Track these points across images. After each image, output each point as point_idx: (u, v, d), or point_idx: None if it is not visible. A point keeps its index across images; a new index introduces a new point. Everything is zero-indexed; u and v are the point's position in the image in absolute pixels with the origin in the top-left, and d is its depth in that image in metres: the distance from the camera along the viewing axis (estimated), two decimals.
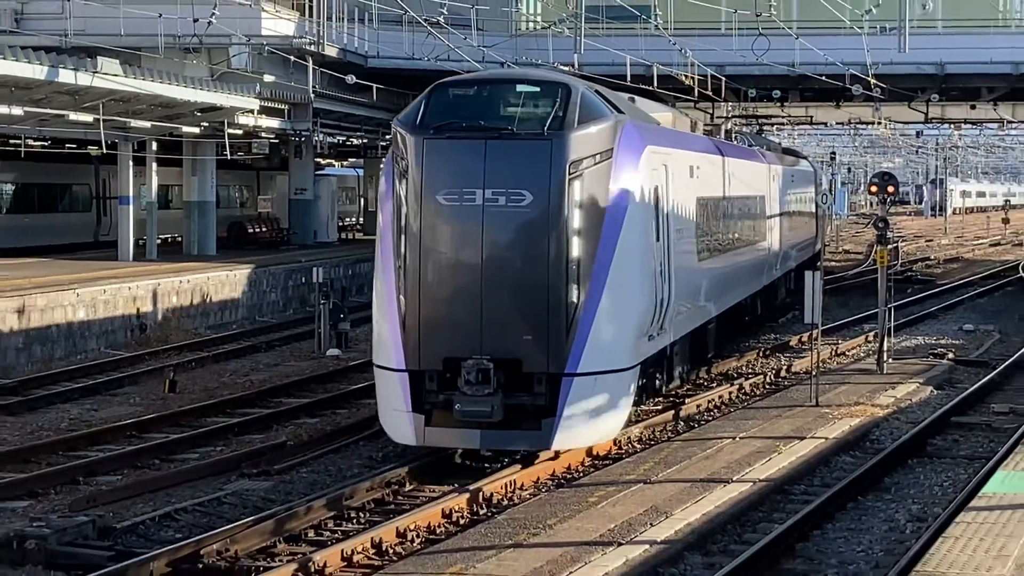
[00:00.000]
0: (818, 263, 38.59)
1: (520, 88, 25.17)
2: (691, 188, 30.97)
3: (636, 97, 33.28)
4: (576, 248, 23.36)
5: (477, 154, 23.44)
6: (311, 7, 58.52)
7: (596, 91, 26.21)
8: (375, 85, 57.60)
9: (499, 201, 22.98)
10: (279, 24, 56.86)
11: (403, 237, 23.49)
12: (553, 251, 23.14)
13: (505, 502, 22.31)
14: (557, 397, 23.06)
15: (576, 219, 23.39)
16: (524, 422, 23.27)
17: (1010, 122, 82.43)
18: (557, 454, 25.44)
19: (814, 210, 60.80)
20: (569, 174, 23.23)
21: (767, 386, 35.09)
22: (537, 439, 23.29)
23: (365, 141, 77.51)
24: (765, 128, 76.64)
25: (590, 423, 23.63)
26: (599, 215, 23.77)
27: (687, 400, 31.66)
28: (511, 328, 23.16)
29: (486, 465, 24.85)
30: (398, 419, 23.56)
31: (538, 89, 25.01)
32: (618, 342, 24.22)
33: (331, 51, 57.01)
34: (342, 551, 18.85)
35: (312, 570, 18.17)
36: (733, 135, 48.82)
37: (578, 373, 23.06)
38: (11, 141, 51.27)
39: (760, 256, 45.52)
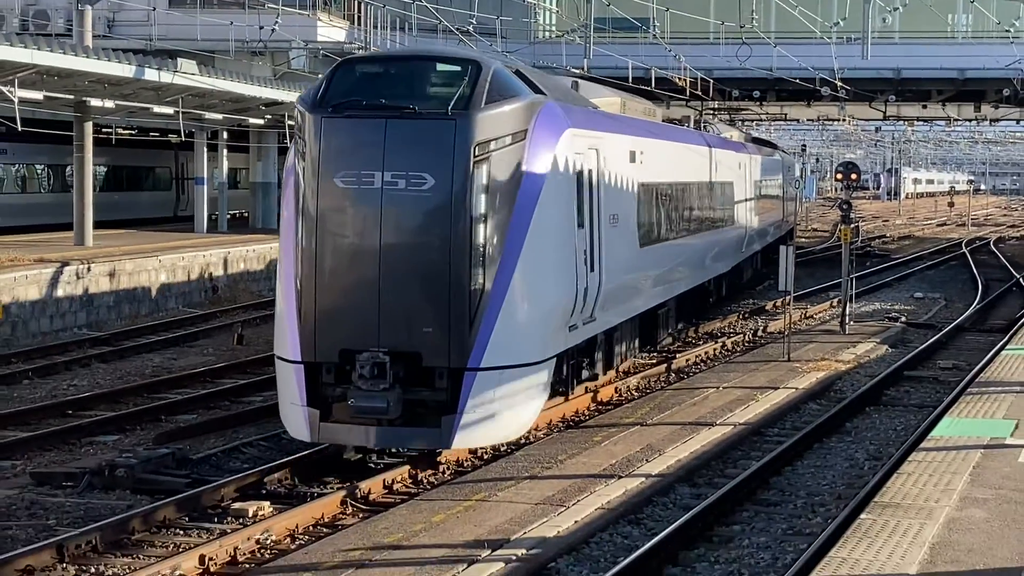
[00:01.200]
0: (790, 240, 38.33)
1: (427, 66, 20.86)
2: (633, 173, 26.18)
3: (581, 82, 28.56)
4: (482, 235, 19.00)
5: (376, 134, 19.03)
6: (359, 17, 58.62)
7: (517, 71, 21.63)
8: None
9: (399, 184, 18.71)
10: (332, 31, 57.36)
11: (301, 222, 19.24)
12: (456, 238, 18.81)
13: (522, 441, 22.33)
14: (459, 393, 18.88)
15: (482, 204, 19.04)
16: (424, 419, 19.02)
17: (955, 120, 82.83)
18: (568, 398, 25.43)
19: (786, 194, 59.79)
20: (475, 156, 18.90)
21: (746, 344, 35.06)
22: (435, 438, 18.97)
23: None
24: (746, 123, 76.39)
25: (496, 420, 19.28)
26: (509, 200, 19.40)
27: (677, 355, 31.66)
28: (410, 320, 18.87)
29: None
30: (294, 413, 19.22)
31: (446, 67, 20.51)
32: (528, 335, 19.84)
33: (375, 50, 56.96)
34: (383, 480, 18.92)
35: (358, 496, 18.24)
36: (704, 126, 44.25)
37: (482, 368, 18.80)
38: (104, 129, 51.50)
39: (730, 237, 40.97)
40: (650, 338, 30.69)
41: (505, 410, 19.32)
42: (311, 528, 17.02)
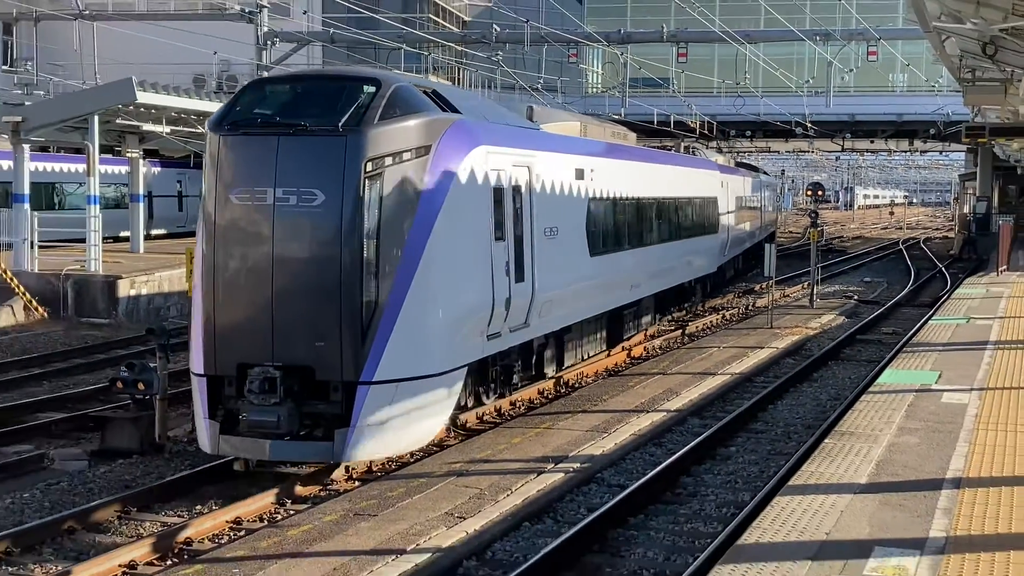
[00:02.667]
0: (772, 240, 37.85)
1: (328, 84, 16.66)
2: (582, 188, 21.61)
3: (537, 108, 22.93)
4: (375, 249, 14.90)
5: (269, 151, 15.08)
6: (457, 79, 58.58)
7: (432, 92, 17.12)
8: None
9: (290, 201, 14.84)
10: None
11: (204, 237, 15.43)
12: (347, 253, 14.73)
13: (577, 385, 22.33)
14: (353, 407, 14.89)
15: (374, 218, 14.93)
16: (319, 432, 15.17)
17: (894, 151, 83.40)
18: (609, 354, 25.41)
19: (766, 206, 56.78)
20: (366, 171, 14.87)
21: (740, 315, 34.80)
22: (328, 451, 14.82)
23: None
24: (740, 153, 76.20)
25: (393, 432, 15.13)
26: (406, 214, 15.21)
27: (689, 323, 31.51)
28: (303, 334, 14.90)
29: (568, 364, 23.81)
30: (199, 426, 15.42)
31: (346, 85, 16.22)
32: (429, 347, 15.57)
33: None
34: (476, 413, 18.96)
35: (458, 424, 18.28)
36: (692, 151, 39.49)
37: (375, 381, 14.77)
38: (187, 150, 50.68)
39: (709, 244, 35.25)
40: (617, 333, 25.79)
41: (404, 422, 15.17)
42: (423, 448, 17.11)
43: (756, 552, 9.18)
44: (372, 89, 15.50)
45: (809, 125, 56.94)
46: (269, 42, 35.39)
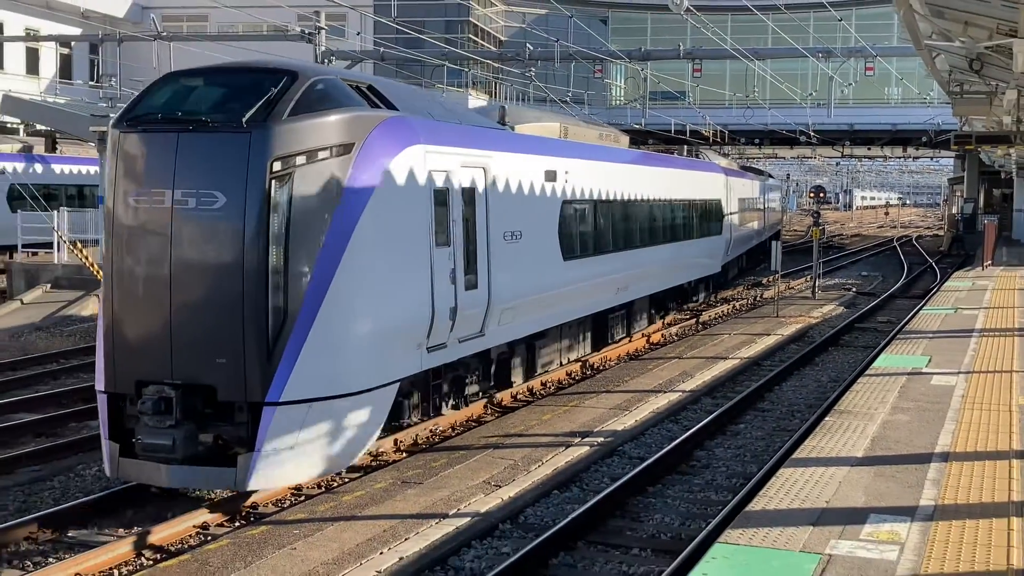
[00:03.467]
0: (778, 239, 37.21)
1: (239, 77, 13.44)
2: (553, 191, 18.71)
3: (510, 108, 20.59)
4: (283, 256, 12.08)
5: (168, 149, 12.34)
6: (494, 93, 58.58)
7: (363, 86, 14.10)
8: None
9: (189, 203, 12.10)
10: (476, 102, 57.16)
11: (104, 243, 12.78)
12: (250, 260, 11.92)
13: (601, 368, 22.32)
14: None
15: (282, 222, 12.11)
16: (222, 457, 12.29)
17: (889, 157, 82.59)
18: (631, 340, 25.38)
19: (772, 207, 55.12)
20: (273, 171, 12.05)
21: (749, 305, 34.68)
22: (231, 478, 11.98)
23: None
24: (750, 159, 75.94)
25: (306, 457, 12.32)
26: (322, 217, 12.37)
27: (703, 313, 31.42)
28: (203, 350, 12.07)
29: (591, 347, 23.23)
30: (103, 446, 12.59)
31: (258, 77, 13.11)
32: (348, 362, 12.64)
33: None
34: (510, 392, 18.98)
35: (495, 402, 18.31)
36: (696, 154, 37.30)
37: (282, 402, 11.96)
38: None
39: (709, 246, 31.92)
40: (603, 336, 23.11)
41: (318, 445, 12.46)
42: (464, 423, 17.15)
43: (763, 518, 9.16)
44: (287, 81, 12.80)
45: (812, 134, 56.67)
46: (326, 60, 35.36)
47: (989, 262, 40.05)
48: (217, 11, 52.62)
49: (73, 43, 56.23)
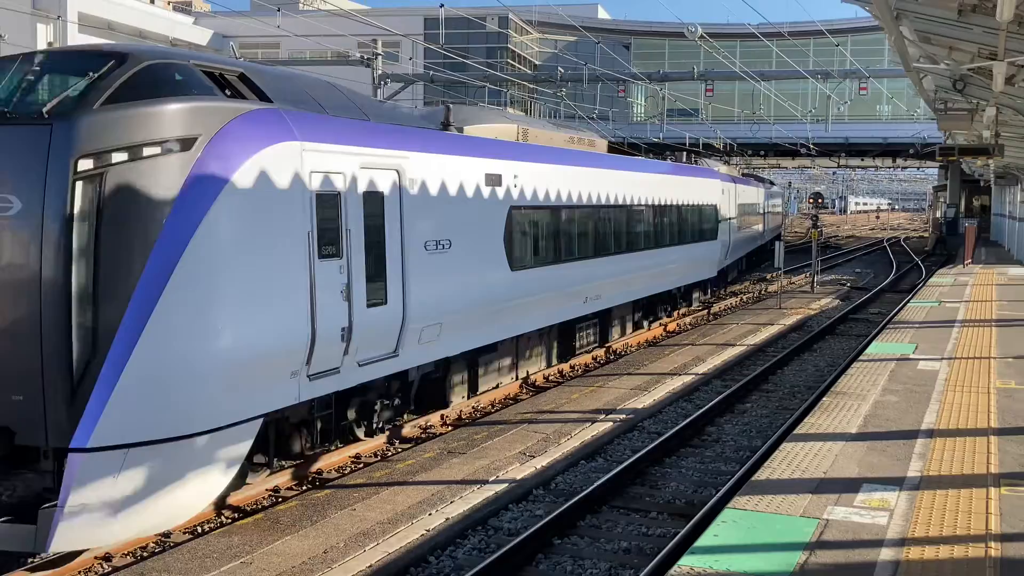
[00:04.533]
0: (780, 239, 36.63)
1: (60, 60, 10.40)
2: (496, 196, 15.29)
3: (457, 108, 16.57)
4: (91, 272, 8.94)
5: None
6: (529, 110, 58.45)
7: (233, 75, 10.90)
8: None
9: None
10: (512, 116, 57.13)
11: None
12: (50, 278, 8.82)
13: (623, 353, 22.25)
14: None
15: (91, 232, 8.97)
16: (21, 512, 8.89)
17: (880, 167, 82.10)
18: (649, 327, 24.84)
19: (772, 212, 52.25)
20: (79, 171, 8.90)
21: (754, 298, 34.46)
22: (30, 537, 8.65)
23: None
24: (756, 168, 75.53)
25: (125, 513, 9.06)
26: (146, 226, 9.20)
27: (714, 304, 31.24)
28: None
29: (611, 333, 23.03)
30: None
31: (81, 61, 9.93)
32: (180, 398, 9.39)
33: None
34: (541, 374, 18.96)
35: (528, 382, 18.27)
36: (695, 161, 33.79)
37: (91, 448, 8.78)
38: None
39: (701, 252, 28.06)
40: (568, 347, 19.87)
41: (141, 498, 9.17)
42: (500, 400, 17.14)
43: (767, 486, 9.09)
44: (112, 65, 9.63)
45: (812, 146, 56.32)
46: (382, 82, 35.44)
47: (969, 260, 39.66)
48: (288, 39, 52.89)
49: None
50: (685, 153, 33.59)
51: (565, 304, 18.54)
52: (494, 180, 15.39)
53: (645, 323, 24.91)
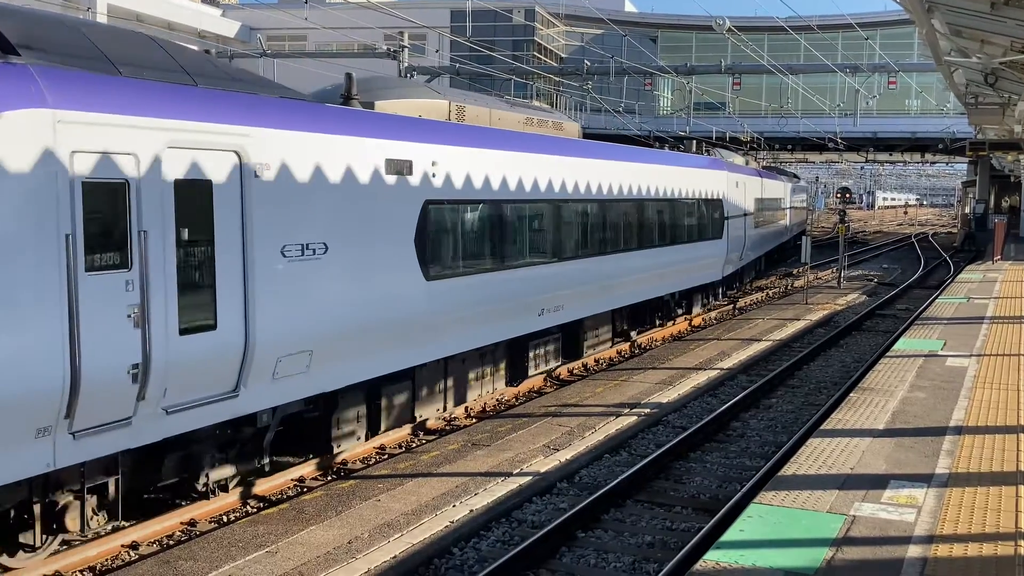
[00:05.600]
0: (804, 236, 36.16)
1: None
2: (403, 186, 12.19)
3: (368, 78, 14.26)
4: None
5: None
6: (555, 103, 58.34)
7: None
8: None
9: None
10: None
11: None
12: None
13: (648, 347, 22.19)
14: None
15: None
16: None
17: (908, 162, 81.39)
18: (674, 321, 24.84)
19: (795, 206, 49.21)
20: None
21: (780, 293, 34.28)
22: None
23: None
24: (784, 163, 75.16)
25: None
26: None
27: (739, 300, 31.09)
28: None
29: (637, 328, 22.80)
30: None
31: None
32: None
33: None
34: (566, 368, 18.92)
35: (553, 376, 18.24)
36: (708, 151, 29.83)
37: None
38: None
39: (699, 253, 24.39)
40: (521, 368, 16.51)
41: None
42: (525, 393, 17.13)
43: (793, 482, 9.04)
44: None
45: (839, 140, 55.90)
46: (408, 75, 35.48)
47: (999, 257, 39.28)
48: (315, 32, 53.04)
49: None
50: (695, 143, 29.29)
51: (511, 318, 15.07)
52: (401, 167, 12.16)
53: (633, 333, 21.87)
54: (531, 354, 16.70)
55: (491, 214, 14.37)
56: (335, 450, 12.13)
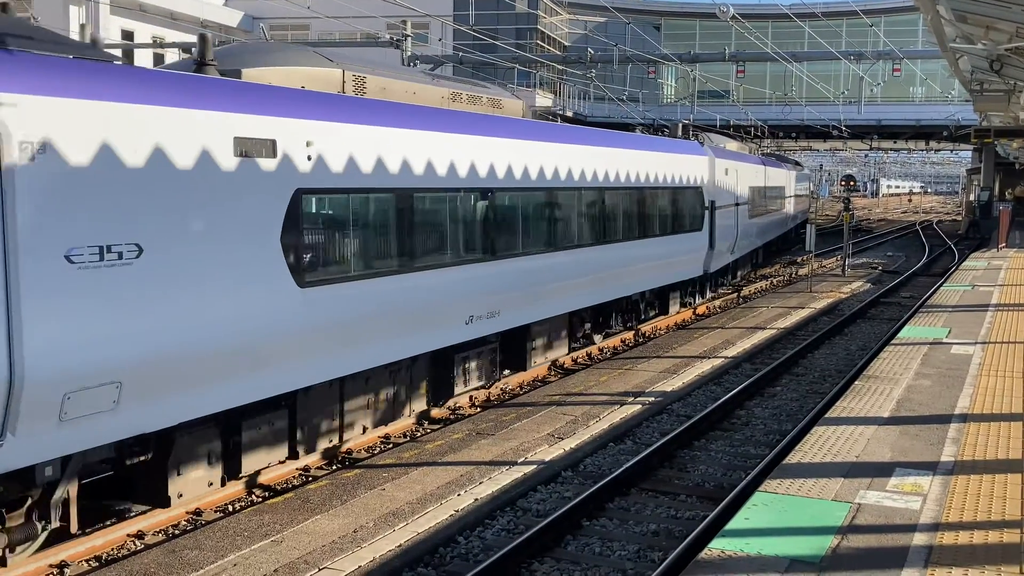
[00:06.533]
0: (807, 225, 35.80)
1: None
2: (261, 172, 9.69)
3: (230, 47, 12.04)
4: None
5: None
6: (558, 92, 58.27)
7: None
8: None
9: None
10: (543, 100, 56.93)
11: None
12: None
13: (652, 336, 22.17)
14: None
15: None
16: None
17: (913, 150, 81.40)
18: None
19: (797, 195, 47.76)
20: None
21: (785, 282, 34.23)
22: None
23: None
24: (788, 151, 75.03)
25: None
26: None
27: (743, 288, 31.06)
28: None
29: (642, 316, 22.61)
30: None
31: None
32: None
33: (569, 113, 56.70)
34: (571, 357, 18.91)
35: (557, 365, 18.23)
36: (694, 135, 27.33)
37: None
38: None
39: (673, 248, 21.78)
40: (446, 385, 14.03)
41: None
42: (529, 382, 17.12)
43: (798, 470, 9.03)
44: None
45: (844, 128, 55.76)
46: (411, 63, 35.40)
47: (1003, 244, 39.23)
48: (318, 21, 52.91)
49: (193, 49, 56.89)
50: (680, 128, 26.63)
51: (426, 329, 12.69)
52: (257, 148, 9.73)
53: (597, 336, 19.94)
54: (458, 369, 14.17)
55: (396, 206, 11.91)
56: (172, 502, 9.88)
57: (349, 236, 11.14)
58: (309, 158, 10.42)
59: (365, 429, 12.56)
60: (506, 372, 16.66)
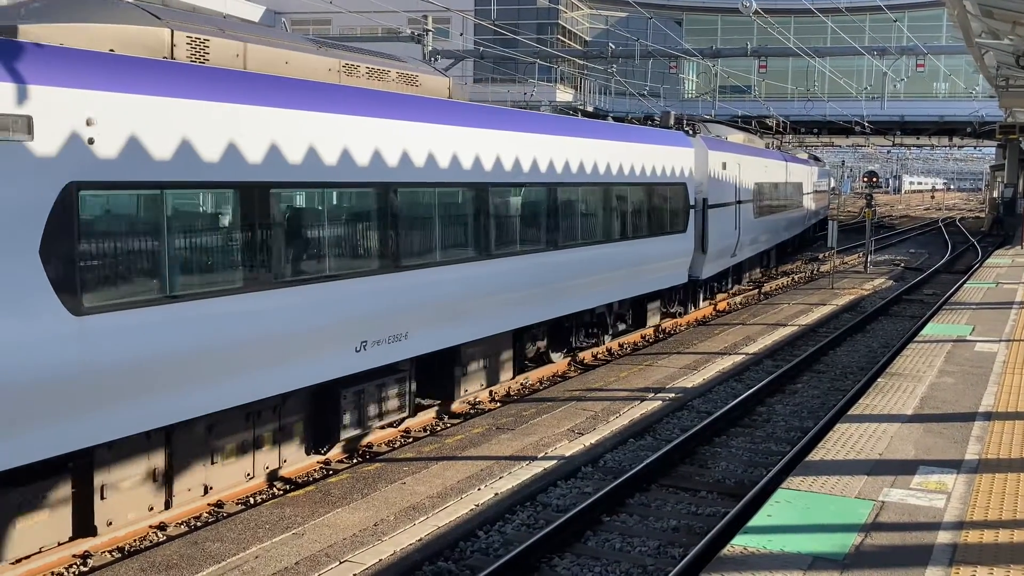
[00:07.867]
0: (828, 223, 35.40)
1: None
2: (35, 161, 7.19)
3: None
4: None
5: None
6: (579, 87, 58.20)
7: None
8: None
9: None
10: (564, 95, 56.90)
11: None
12: None
13: (672, 332, 22.10)
14: None
15: None
16: None
17: (936, 146, 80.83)
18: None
19: (816, 191, 46.19)
20: None
21: (806, 278, 34.07)
22: None
23: None
24: (809, 147, 74.67)
25: None
26: None
27: (764, 284, 30.92)
28: None
29: (663, 311, 22.64)
30: None
31: None
32: None
33: (589, 108, 56.63)
34: (591, 353, 18.85)
35: (577, 361, 18.19)
36: (693, 126, 24.60)
37: None
38: None
39: (646, 252, 19.07)
40: (333, 426, 11.43)
41: None
42: (549, 378, 17.09)
43: (821, 467, 8.98)
44: None
45: (866, 124, 55.48)
46: (433, 58, 35.40)
47: None
48: (339, 16, 53.00)
49: None
50: (671, 117, 24.07)
51: (288, 359, 10.11)
52: (2, 126, 7.21)
53: (556, 355, 17.53)
54: (346, 407, 11.49)
55: (239, 206, 9.33)
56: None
57: (164, 245, 8.51)
58: (91, 141, 7.86)
59: (207, 490, 10.00)
60: (426, 402, 14.30)
